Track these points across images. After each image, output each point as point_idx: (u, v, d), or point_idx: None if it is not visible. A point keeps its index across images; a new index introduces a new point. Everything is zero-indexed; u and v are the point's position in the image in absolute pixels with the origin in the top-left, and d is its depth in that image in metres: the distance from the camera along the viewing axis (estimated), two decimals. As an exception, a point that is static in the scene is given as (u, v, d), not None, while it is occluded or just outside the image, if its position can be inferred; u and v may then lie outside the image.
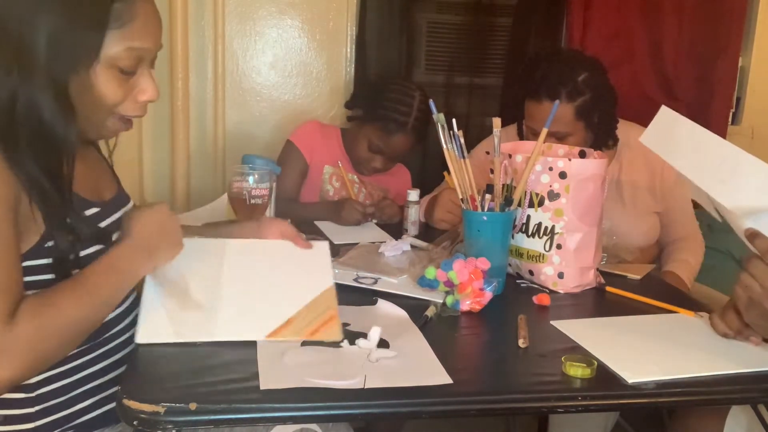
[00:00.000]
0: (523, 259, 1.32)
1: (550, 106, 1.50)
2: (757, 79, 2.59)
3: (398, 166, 2.06)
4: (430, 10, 2.55)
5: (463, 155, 1.27)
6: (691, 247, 1.78)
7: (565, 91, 1.61)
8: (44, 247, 0.91)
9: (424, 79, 2.56)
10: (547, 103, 1.61)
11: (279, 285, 1.08)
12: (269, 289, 1.06)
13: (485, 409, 0.89)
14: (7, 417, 0.94)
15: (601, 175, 1.28)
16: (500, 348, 1.04)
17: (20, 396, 0.94)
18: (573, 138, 1.64)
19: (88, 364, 0.99)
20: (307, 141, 1.93)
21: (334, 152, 1.96)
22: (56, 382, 0.96)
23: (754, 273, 0.93)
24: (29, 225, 0.89)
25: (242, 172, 1.33)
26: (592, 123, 1.66)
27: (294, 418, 0.83)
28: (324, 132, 1.98)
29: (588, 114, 1.64)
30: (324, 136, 1.97)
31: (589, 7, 2.35)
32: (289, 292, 1.05)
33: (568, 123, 1.63)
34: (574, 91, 1.61)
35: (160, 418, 0.77)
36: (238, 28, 2.31)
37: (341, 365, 0.90)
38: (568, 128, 1.63)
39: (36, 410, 0.94)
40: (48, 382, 0.95)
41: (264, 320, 0.99)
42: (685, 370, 0.94)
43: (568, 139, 1.62)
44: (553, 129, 1.57)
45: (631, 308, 1.21)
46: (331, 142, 1.97)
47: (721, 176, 0.99)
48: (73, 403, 0.98)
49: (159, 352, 0.93)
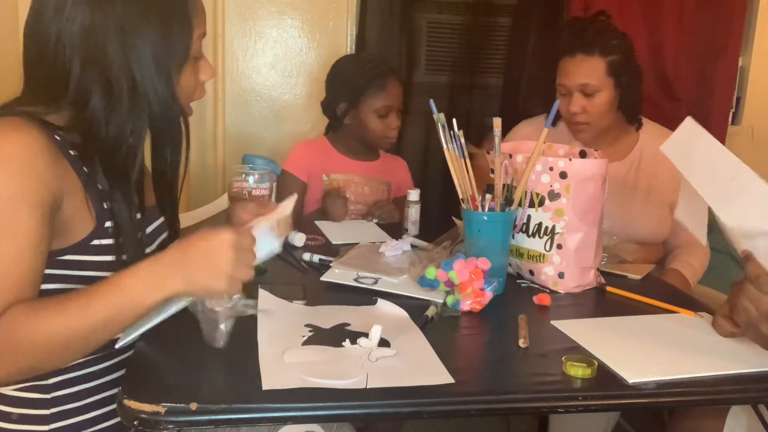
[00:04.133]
0: (523, 259, 1.32)
1: (584, 60, 1.68)
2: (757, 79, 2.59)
3: (396, 158, 2.07)
4: (430, 10, 2.55)
5: (463, 155, 1.27)
6: (696, 253, 1.78)
7: (599, 46, 1.69)
8: (90, 244, 0.93)
9: (425, 79, 2.57)
10: (581, 57, 1.69)
11: None
12: None
13: (485, 409, 0.89)
14: (23, 416, 0.94)
15: (601, 175, 1.28)
16: (500, 348, 1.04)
17: (36, 396, 0.94)
18: (602, 94, 1.70)
19: (104, 372, 0.99)
20: (299, 163, 1.93)
21: (328, 161, 1.96)
22: (71, 386, 0.96)
23: (749, 297, 0.96)
24: (75, 223, 0.91)
25: (242, 172, 1.33)
26: (620, 83, 1.72)
27: (295, 418, 0.83)
28: (312, 147, 1.98)
29: (618, 73, 1.71)
30: (314, 151, 1.97)
31: (589, 7, 2.35)
32: None
33: (600, 77, 1.70)
34: (608, 48, 1.70)
35: (161, 418, 0.77)
36: (238, 28, 2.31)
37: (342, 365, 0.90)
38: (599, 82, 1.69)
39: (52, 413, 0.95)
40: (63, 385, 0.95)
41: None
42: (686, 370, 0.94)
43: (596, 96, 1.70)
44: (585, 81, 1.68)
45: (631, 308, 1.21)
46: (322, 152, 1.97)
47: (728, 194, 1.01)
48: (89, 410, 0.98)
49: (159, 352, 0.93)
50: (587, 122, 1.72)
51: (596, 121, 1.73)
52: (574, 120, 1.73)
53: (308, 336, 0.99)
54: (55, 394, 0.95)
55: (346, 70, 1.94)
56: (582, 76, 1.69)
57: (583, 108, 1.70)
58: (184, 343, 0.95)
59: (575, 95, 1.71)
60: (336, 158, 1.97)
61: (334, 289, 1.22)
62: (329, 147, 1.98)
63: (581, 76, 1.69)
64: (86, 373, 0.97)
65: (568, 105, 1.72)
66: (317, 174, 1.94)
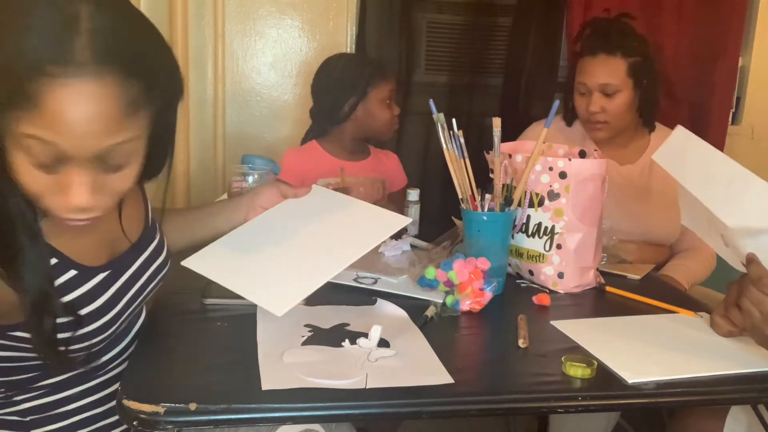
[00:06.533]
0: (523, 259, 1.32)
1: (606, 60, 1.71)
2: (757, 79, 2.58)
3: (386, 152, 2.08)
4: (430, 10, 2.55)
5: (463, 155, 1.27)
6: (696, 257, 1.78)
7: (622, 47, 1.71)
8: None
9: (425, 79, 2.56)
10: (603, 57, 1.71)
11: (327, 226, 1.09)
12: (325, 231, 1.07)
13: (485, 409, 0.89)
14: None
15: (601, 175, 1.28)
16: (500, 348, 1.04)
17: (15, 419, 0.93)
18: (621, 95, 1.72)
19: (81, 395, 0.98)
20: (293, 171, 1.91)
21: (320, 165, 1.95)
22: (49, 411, 0.95)
23: (752, 299, 0.96)
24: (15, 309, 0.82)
25: (242, 172, 1.34)
26: (640, 85, 1.74)
27: (294, 418, 0.83)
28: (302, 154, 1.98)
29: (638, 74, 1.72)
30: (305, 157, 1.96)
31: (589, 7, 2.35)
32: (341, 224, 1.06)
33: (620, 78, 1.71)
34: (630, 50, 1.72)
35: (160, 418, 0.77)
36: (238, 28, 2.31)
37: (342, 365, 0.90)
38: (619, 82, 1.71)
39: None
40: (40, 410, 0.94)
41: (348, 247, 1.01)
42: (685, 370, 0.94)
43: (616, 97, 1.72)
44: (606, 81, 1.70)
45: (631, 308, 1.21)
46: (313, 157, 1.97)
47: (728, 197, 1.02)
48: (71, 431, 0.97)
49: (159, 352, 0.93)
50: (605, 121, 1.74)
51: (614, 120, 1.74)
52: (593, 119, 1.74)
53: (308, 336, 0.99)
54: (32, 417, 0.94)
55: (346, 67, 1.94)
56: (603, 76, 1.71)
57: (602, 108, 1.72)
58: (184, 343, 0.95)
59: (595, 95, 1.72)
60: (328, 161, 1.96)
61: (334, 289, 1.21)
62: (320, 150, 1.97)
63: (602, 75, 1.71)
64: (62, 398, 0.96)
65: (588, 104, 1.74)
66: (311, 179, 1.93)
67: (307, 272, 0.99)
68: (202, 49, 2.26)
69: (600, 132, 1.76)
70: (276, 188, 1.16)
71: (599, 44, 1.73)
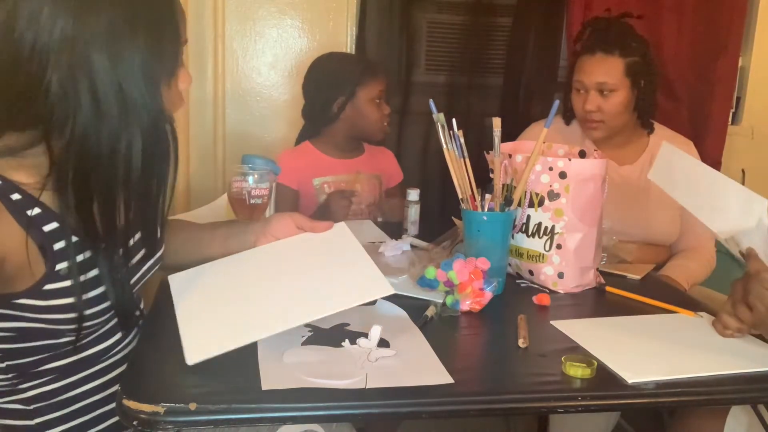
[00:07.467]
0: (523, 259, 1.32)
1: (604, 59, 1.71)
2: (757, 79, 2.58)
3: (381, 149, 2.07)
4: (430, 10, 2.55)
5: (463, 155, 1.27)
6: (696, 257, 1.78)
7: (620, 47, 1.72)
8: (42, 290, 0.89)
9: (425, 79, 2.56)
10: (601, 56, 1.72)
11: (313, 272, 1.05)
12: (305, 279, 1.04)
13: (485, 409, 0.89)
14: (7, 427, 0.94)
15: (601, 175, 1.28)
16: (500, 348, 1.04)
17: (19, 407, 0.94)
18: (618, 94, 1.72)
19: (83, 381, 0.99)
20: (289, 172, 1.91)
21: (315, 165, 1.95)
22: (52, 398, 0.96)
23: (755, 294, 0.98)
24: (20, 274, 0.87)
25: (242, 172, 1.33)
26: (637, 85, 1.74)
27: (294, 418, 0.83)
28: (296, 154, 1.97)
29: (635, 74, 1.73)
30: (300, 158, 1.96)
31: (589, 6, 2.35)
32: (326, 275, 1.03)
33: (618, 77, 1.72)
34: (628, 50, 1.72)
35: (160, 418, 0.77)
36: (238, 28, 2.31)
37: (342, 365, 0.90)
38: (616, 81, 1.71)
39: (36, 423, 0.95)
40: (44, 397, 0.95)
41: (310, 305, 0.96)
42: (685, 370, 0.94)
43: (613, 96, 1.72)
44: (602, 80, 1.71)
45: (631, 308, 1.21)
46: (308, 158, 1.96)
47: (711, 203, 1.08)
48: (72, 418, 0.98)
49: (158, 352, 0.94)
50: (601, 120, 1.74)
51: (610, 120, 1.74)
52: (588, 117, 1.74)
53: (308, 336, 0.99)
54: (36, 405, 0.95)
55: (335, 66, 1.94)
56: (600, 75, 1.71)
57: (598, 107, 1.72)
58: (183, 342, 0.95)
59: (591, 93, 1.73)
60: (323, 161, 1.96)
61: (334, 289, 1.22)
62: (314, 151, 1.97)
63: (599, 74, 1.71)
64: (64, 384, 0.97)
65: (584, 102, 1.74)
66: (307, 180, 1.94)
67: (250, 324, 0.94)
68: (202, 49, 2.26)
69: (596, 131, 1.76)
70: (290, 219, 1.14)
71: (597, 43, 1.73)
